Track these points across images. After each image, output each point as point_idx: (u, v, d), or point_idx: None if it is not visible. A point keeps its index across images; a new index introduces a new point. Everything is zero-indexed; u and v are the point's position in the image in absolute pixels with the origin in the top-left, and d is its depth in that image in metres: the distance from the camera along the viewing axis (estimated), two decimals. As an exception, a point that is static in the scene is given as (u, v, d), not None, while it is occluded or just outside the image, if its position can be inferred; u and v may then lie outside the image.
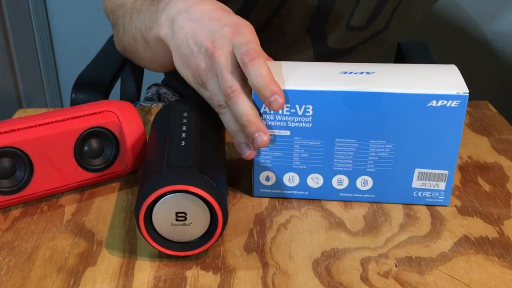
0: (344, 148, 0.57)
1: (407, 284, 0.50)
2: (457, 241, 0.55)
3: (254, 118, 0.55)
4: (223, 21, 0.58)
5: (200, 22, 0.59)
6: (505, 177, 0.66)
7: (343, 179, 0.59)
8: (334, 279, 0.50)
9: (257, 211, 0.60)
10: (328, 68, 0.59)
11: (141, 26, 0.68)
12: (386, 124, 0.56)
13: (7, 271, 0.52)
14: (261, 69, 0.54)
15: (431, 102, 0.54)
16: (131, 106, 0.64)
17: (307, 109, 0.56)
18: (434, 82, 0.56)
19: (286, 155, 0.58)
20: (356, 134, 0.56)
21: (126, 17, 0.73)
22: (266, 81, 0.53)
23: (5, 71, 1.87)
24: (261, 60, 0.54)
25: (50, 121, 0.59)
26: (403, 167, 0.58)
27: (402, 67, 0.61)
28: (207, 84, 0.58)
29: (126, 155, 0.63)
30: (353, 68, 0.58)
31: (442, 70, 0.58)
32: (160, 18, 0.63)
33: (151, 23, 0.65)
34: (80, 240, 0.55)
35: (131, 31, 0.71)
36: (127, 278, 0.51)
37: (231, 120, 0.58)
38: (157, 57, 0.69)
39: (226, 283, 0.50)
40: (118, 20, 0.76)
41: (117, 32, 0.77)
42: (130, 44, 0.73)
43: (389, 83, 0.55)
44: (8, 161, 0.57)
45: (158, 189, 0.49)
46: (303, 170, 0.59)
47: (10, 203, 0.59)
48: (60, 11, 1.88)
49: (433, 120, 0.55)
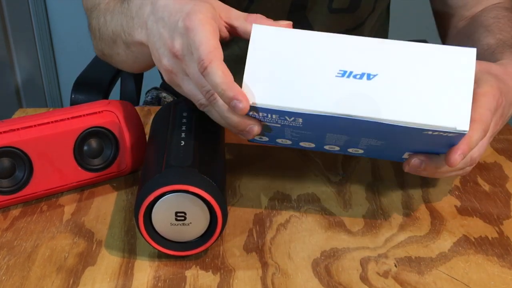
0: (335, 137, 0.56)
1: (407, 284, 0.50)
2: (457, 241, 0.55)
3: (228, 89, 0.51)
4: (177, 15, 0.55)
5: (162, 21, 0.57)
6: (505, 177, 0.66)
7: (334, 147, 0.58)
8: (333, 279, 0.50)
9: (257, 211, 0.60)
10: (325, 60, 0.52)
11: (119, 30, 0.66)
12: (381, 132, 0.53)
13: (7, 270, 0.52)
14: (213, 77, 0.51)
15: (427, 131, 0.51)
16: (131, 106, 0.64)
17: (297, 120, 0.53)
18: (438, 104, 0.50)
19: (277, 134, 0.57)
20: (348, 132, 0.54)
21: (101, 18, 0.71)
22: (222, 88, 0.50)
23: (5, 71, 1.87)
24: (212, 66, 0.51)
25: (50, 121, 0.59)
26: (396, 150, 0.56)
27: (412, 62, 0.52)
28: (181, 85, 0.57)
29: (126, 155, 0.63)
30: (355, 63, 0.51)
31: (456, 74, 0.51)
32: (135, 25, 0.62)
33: (129, 28, 0.64)
34: (79, 239, 0.55)
35: (108, 34, 0.69)
36: (126, 277, 0.51)
37: (218, 117, 0.55)
38: (139, 60, 0.68)
39: (226, 283, 0.50)
40: (93, 21, 0.73)
41: (93, 35, 0.74)
42: (110, 47, 0.71)
43: (386, 102, 0.50)
44: (7, 160, 0.57)
45: (157, 189, 0.49)
46: (295, 140, 0.58)
47: (9, 202, 0.59)
48: (60, 11, 1.88)
49: (429, 139, 0.52)
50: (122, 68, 0.77)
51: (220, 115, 0.54)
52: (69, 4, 1.84)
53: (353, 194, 0.62)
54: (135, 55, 0.67)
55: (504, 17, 0.81)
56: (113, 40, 0.69)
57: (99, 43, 0.73)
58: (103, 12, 0.71)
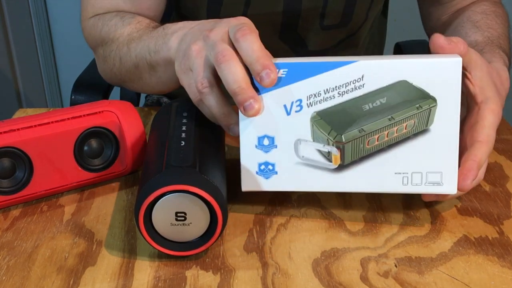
0: None
1: (407, 284, 0.50)
2: (457, 241, 0.55)
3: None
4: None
5: (200, 24, 0.62)
6: (505, 177, 0.66)
7: None
8: (333, 279, 0.50)
9: (257, 211, 0.60)
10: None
11: (144, 52, 0.70)
12: None
13: (7, 271, 0.52)
14: (252, 44, 0.53)
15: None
16: (131, 106, 0.64)
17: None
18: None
19: None
20: None
21: (122, 49, 0.74)
22: (258, 55, 0.52)
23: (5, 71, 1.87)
24: (253, 35, 0.54)
25: (50, 121, 0.59)
26: None
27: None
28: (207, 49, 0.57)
29: (126, 155, 0.63)
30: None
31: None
32: (169, 40, 0.65)
33: (158, 46, 0.67)
34: (79, 240, 0.55)
35: (131, 60, 0.73)
36: (126, 278, 0.51)
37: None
38: (161, 80, 0.71)
39: (226, 283, 0.50)
40: (111, 53, 0.77)
41: (111, 65, 0.78)
42: (132, 73, 0.74)
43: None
44: (8, 161, 0.58)
45: (157, 189, 0.49)
46: None
47: (10, 203, 0.59)
48: (60, 11, 1.88)
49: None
50: (142, 91, 0.81)
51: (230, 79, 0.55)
52: (69, 4, 1.84)
53: (353, 194, 0.62)
54: (159, 75, 0.70)
55: (492, 12, 0.81)
56: (135, 65, 0.72)
57: (121, 69, 0.76)
58: (126, 43, 0.74)
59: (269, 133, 0.55)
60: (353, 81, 0.53)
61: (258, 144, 0.55)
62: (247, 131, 0.55)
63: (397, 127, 0.54)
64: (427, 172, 0.54)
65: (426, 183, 0.54)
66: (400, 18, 1.61)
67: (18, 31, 1.85)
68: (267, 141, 0.55)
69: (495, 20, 0.79)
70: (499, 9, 0.83)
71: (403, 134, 0.54)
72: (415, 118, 0.53)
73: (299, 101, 0.54)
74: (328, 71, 0.53)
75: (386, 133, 0.54)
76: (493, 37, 0.74)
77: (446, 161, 0.54)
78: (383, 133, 0.54)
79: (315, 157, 0.55)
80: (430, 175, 0.54)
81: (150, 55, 0.69)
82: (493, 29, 0.76)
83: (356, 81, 0.53)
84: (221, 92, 0.56)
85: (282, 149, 0.55)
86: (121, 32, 0.76)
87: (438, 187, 0.54)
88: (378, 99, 0.54)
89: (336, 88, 0.54)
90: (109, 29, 0.77)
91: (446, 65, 0.53)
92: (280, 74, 0.54)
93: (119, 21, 0.77)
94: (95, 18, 0.81)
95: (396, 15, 1.46)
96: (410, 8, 0.99)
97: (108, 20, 0.78)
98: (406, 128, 0.54)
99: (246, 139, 0.55)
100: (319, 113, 0.54)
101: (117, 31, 0.76)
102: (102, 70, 0.83)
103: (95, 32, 0.80)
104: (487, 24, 0.78)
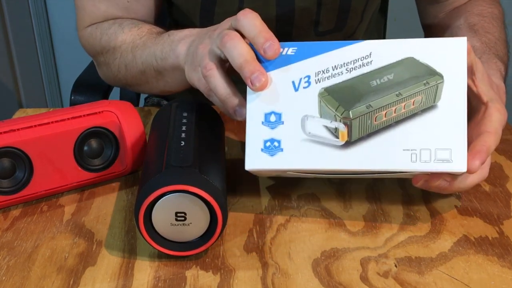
0: None
1: (407, 284, 0.50)
2: (457, 241, 0.55)
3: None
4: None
5: (206, 29, 0.64)
6: (505, 177, 0.66)
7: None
8: (333, 279, 0.50)
9: (257, 211, 0.60)
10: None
11: (150, 59, 0.71)
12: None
13: (7, 271, 0.52)
14: (254, 20, 0.55)
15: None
16: (131, 106, 0.64)
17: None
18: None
19: None
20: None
21: (127, 56, 0.76)
22: (259, 29, 0.55)
23: (5, 71, 1.87)
24: (254, 14, 0.56)
25: (50, 121, 0.59)
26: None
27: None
28: (213, 38, 0.59)
29: (126, 155, 0.63)
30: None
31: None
32: (177, 47, 0.67)
33: (164, 53, 0.69)
34: (79, 240, 0.55)
35: (137, 67, 0.74)
36: (126, 278, 0.51)
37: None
38: (169, 84, 0.73)
39: (226, 283, 0.50)
40: (115, 61, 0.78)
41: (115, 71, 0.79)
42: (138, 78, 0.76)
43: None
44: (8, 161, 0.58)
45: (157, 189, 0.49)
46: None
47: (10, 203, 0.59)
48: (60, 11, 1.89)
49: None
50: (149, 93, 0.83)
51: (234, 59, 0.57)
52: (69, 4, 1.84)
53: (353, 194, 0.62)
54: (166, 80, 0.72)
55: (488, 14, 0.81)
56: (142, 72, 0.74)
57: (127, 75, 0.77)
58: (131, 50, 0.75)
59: (276, 110, 0.55)
60: (361, 58, 0.54)
61: (265, 120, 0.55)
62: (253, 107, 0.55)
63: (404, 103, 0.54)
64: (436, 148, 0.53)
65: (435, 160, 0.53)
66: (400, 18, 1.61)
67: (18, 31, 1.85)
68: (274, 117, 0.55)
69: (492, 23, 0.79)
70: (496, 9, 0.83)
71: (411, 110, 0.54)
72: (423, 94, 0.53)
73: (308, 77, 0.54)
74: (337, 49, 0.54)
75: (393, 109, 0.54)
76: (490, 43, 0.74)
77: (455, 137, 0.53)
78: (391, 109, 0.54)
79: (322, 133, 0.54)
80: (439, 152, 0.53)
81: (157, 61, 0.70)
82: (490, 34, 0.76)
83: (364, 58, 0.54)
84: (225, 73, 0.58)
85: (288, 125, 0.55)
86: (123, 39, 0.76)
87: (447, 164, 0.53)
88: (385, 75, 0.54)
89: (344, 64, 0.54)
90: (109, 37, 0.78)
91: (452, 43, 0.53)
92: (290, 52, 0.55)
93: (118, 29, 0.78)
94: (92, 27, 0.81)
95: (396, 15, 1.46)
96: (410, 8, 0.99)
97: (106, 28, 0.79)
98: (413, 104, 0.54)
99: (252, 115, 0.55)
100: (326, 89, 0.54)
101: (118, 38, 0.77)
102: (104, 75, 0.84)
103: (93, 41, 0.81)
104: (484, 28, 0.78)
